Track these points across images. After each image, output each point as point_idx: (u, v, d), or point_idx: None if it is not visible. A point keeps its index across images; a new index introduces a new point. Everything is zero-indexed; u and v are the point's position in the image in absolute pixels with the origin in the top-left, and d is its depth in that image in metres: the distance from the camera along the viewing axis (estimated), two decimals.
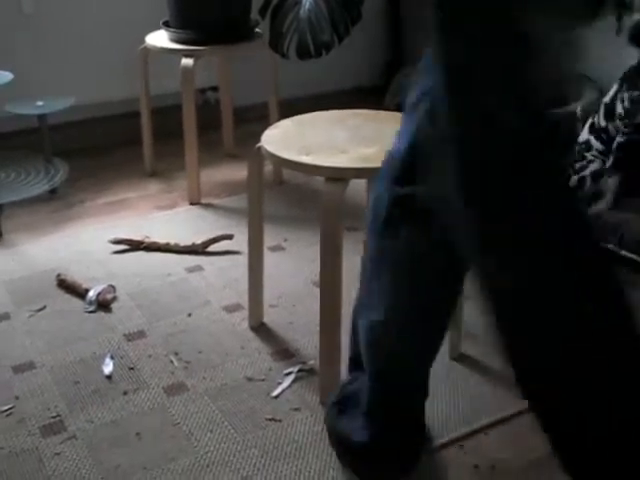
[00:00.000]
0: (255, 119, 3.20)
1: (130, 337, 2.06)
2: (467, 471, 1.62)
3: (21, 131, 3.08)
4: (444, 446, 1.69)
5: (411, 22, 3.85)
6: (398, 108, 3.25)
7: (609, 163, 2.02)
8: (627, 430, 0.93)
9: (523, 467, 1.63)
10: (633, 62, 3.15)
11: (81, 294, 2.23)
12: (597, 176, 2.04)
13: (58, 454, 1.66)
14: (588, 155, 2.10)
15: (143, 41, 2.90)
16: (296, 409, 1.80)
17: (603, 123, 1.97)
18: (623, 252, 2.36)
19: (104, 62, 3.24)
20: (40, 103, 2.88)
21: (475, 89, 1.03)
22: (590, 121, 2.13)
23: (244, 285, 2.09)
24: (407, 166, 1.25)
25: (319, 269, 1.74)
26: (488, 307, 1.00)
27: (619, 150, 1.98)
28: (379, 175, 1.36)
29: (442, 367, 1.94)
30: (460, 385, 1.88)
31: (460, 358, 1.97)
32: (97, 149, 3.24)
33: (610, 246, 2.38)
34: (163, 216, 2.77)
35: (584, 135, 2.05)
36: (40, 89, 2.99)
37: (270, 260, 2.27)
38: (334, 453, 1.66)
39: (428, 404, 1.79)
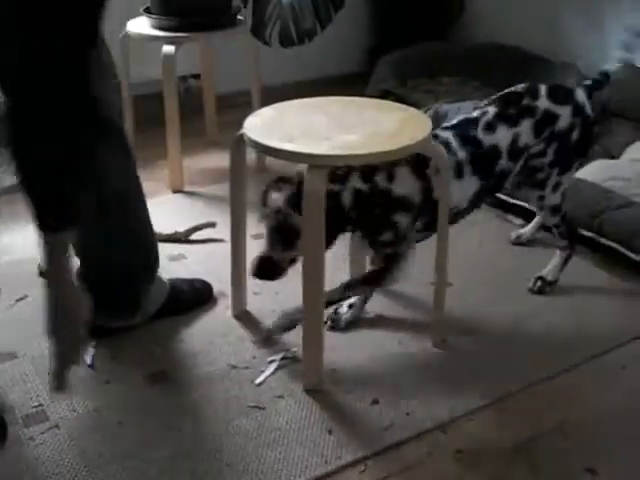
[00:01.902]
0: (237, 106, 3.18)
1: None
2: (450, 456, 1.64)
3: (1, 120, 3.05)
4: (428, 432, 1.70)
5: (393, 9, 3.84)
6: (382, 94, 3.27)
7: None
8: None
9: (506, 452, 1.65)
10: (617, 54, 3.18)
11: None
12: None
13: (41, 443, 1.66)
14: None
15: (124, 28, 2.88)
16: (279, 396, 1.80)
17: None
18: (603, 240, 2.38)
19: None
20: None
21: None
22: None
23: (227, 273, 2.09)
24: None
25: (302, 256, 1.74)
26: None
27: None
28: None
29: (424, 353, 1.95)
30: (443, 371, 1.89)
31: (443, 345, 1.98)
32: None
33: (591, 235, 2.40)
34: None
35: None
36: None
37: (253, 248, 2.25)
38: (318, 439, 1.66)
39: (411, 390, 1.81)
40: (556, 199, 2.13)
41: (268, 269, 1.84)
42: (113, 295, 1.90)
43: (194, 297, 2.12)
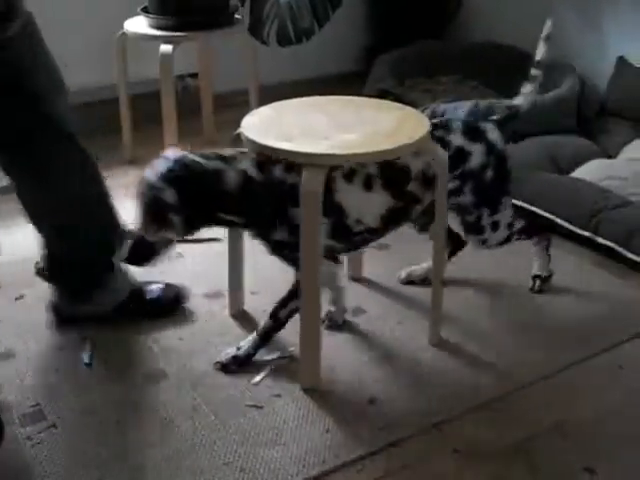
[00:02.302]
0: (235, 106, 3.18)
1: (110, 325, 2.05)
2: (447, 455, 1.64)
3: None
4: (424, 431, 1.70)
5: (391, 8, 3.84)
6: (379, 94, 3.27)
7: None
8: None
9: (502, 450, 1.65)
10: (617, 52, 3.18)
11: None
12: None
13: (38, 443, 1.65)
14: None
15: (121, 27, 2.88)
16: (277, 395, 1.80)
17: None
18: (599, 239, 2.38)
19: (82, 48, 3.20)
20: None
21: None
22: None
23: (225, 272, 2.09)
24: None
25: None
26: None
27: None
28: None
29: (421, 353, 1.95)
30: (440, 370, 1.89)
31: (440, 344, 1.98)
32: None
33: (588, 234, 2.41)
34: None
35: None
36: None
37: (251, 247, 2.26)
38: (315, 438, 1.66)
39: (408, 390, 1.81)
40: (502, 234, 2.03)
41: (140, 252, 1.81)
42: (69, 283, 2.02)
43: (161, 302, 2.11)
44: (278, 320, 1.87)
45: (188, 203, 1.68)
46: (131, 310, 2.05)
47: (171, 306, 2.11)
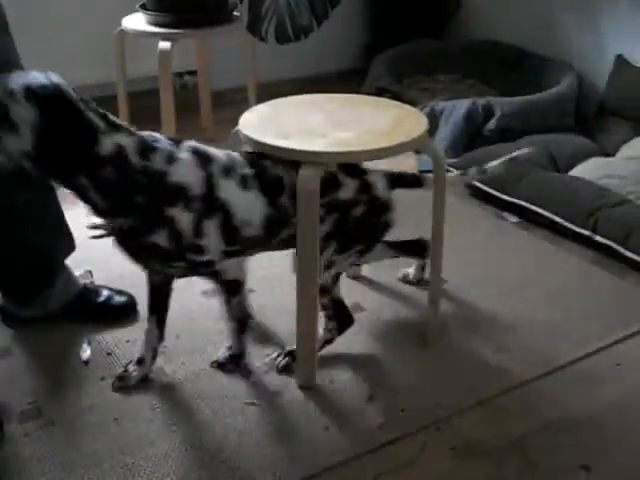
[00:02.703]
0: (233, 103, 3.18)
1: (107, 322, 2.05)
2: (444, 453, 1.64)
3: None
4: (422, 428, 1.70)
5: (390, 6, 3.84)
6: (378, 92, 3.27)
7: None
8: None
9: (499, 448, 1.65)
10: (615, 50, 3.18)
11: None
12: None
13: (36, 440, 1.65)
14: None
15: (119, 24, 2.87)
16: (274, 393, 1.80)
17: None
18: (598, 238, 2.39)
19: (80, 45, 3.21)
20: None
21: None
22: None
23: None
24: None
25: None
26: None
27: None
28: None
29: (419, 350, 1.96)
30: (438, 368, 1.89)
31: (438, 342, 1.98)
32: None
33: (586, 232, 2.41)
34: None
35: None
36: None
37: None
38: (313, 436, 1.67)
39: (405, 387, 1.81)
40: (323, 280, 1.82)
41: None
42: (12, 286, 2.02)
43: (109, 307, 2.09)
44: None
45: (43, 135, 1.43)
46: (74, 313, 2.04)
47: (119, 311, 2.08)
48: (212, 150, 1.68)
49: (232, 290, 1.77)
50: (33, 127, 1.43)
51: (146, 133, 1.60)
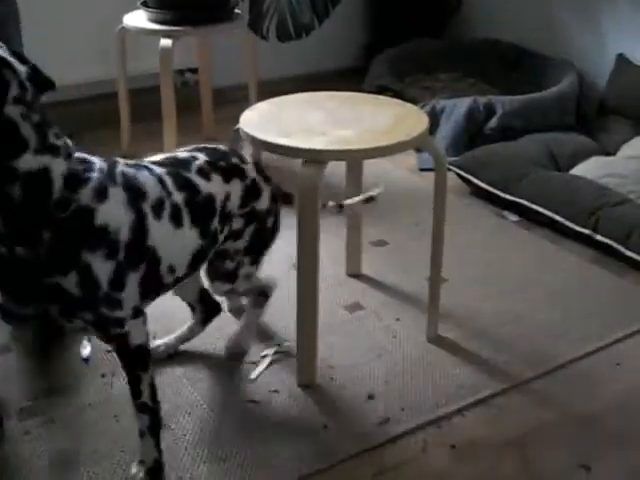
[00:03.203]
0: (234, 101, 3.18)
1: None
2: (445, 451, 1.64)
3: None
4: (422, 427, 1.70)
5: (391, 4, 3.84)
6: (379, 90, 3.26)
7: None
8: None
9: (499, 446, 1.65)
10: (616, 49, 3.18)
11: None
12: None
13: (36, 438, 1.65)
14: None
15: (121, 21, 2.87)
16: (274, 391, 1.80)
17: None
18: (598, 237, 2.39)
19: (81, 42, 3.20)
20: None
21: None
22: None
23: None
24: None
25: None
26: None
27: None
28: None
29: (419, 349, 1.96)
30: (437, 367, 1.89)
31: (437, 340, 1.98)
32: (73, 130, 3.20)
33: (587, 232, 2.41)
34: None
35: None
36: None
37: None
38: (313, 434, 1.67)
39: (406, 386, 1.81)
40: (246, 286, 1.81)
41: None
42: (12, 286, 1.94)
43: None
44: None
45: None
46: None
47: None
48: (144, 177, 1.46)
49: (140, 362, 1.48)
50: None
51: (81, 156, 1.36)
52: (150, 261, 1.44)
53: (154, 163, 1.56)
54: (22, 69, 1.26)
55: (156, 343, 1.88)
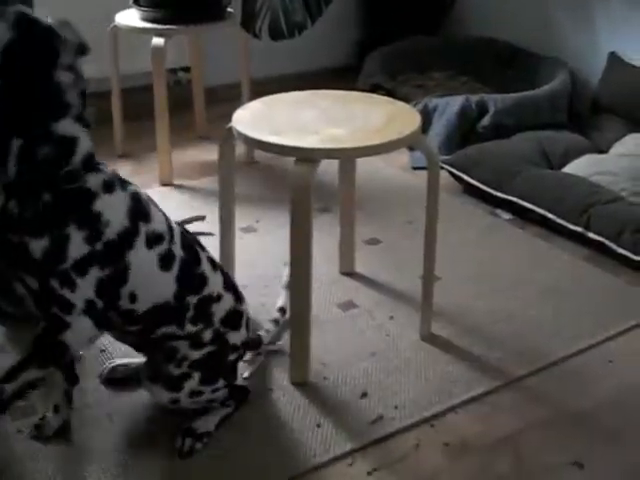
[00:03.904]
0: (227, 99, 3.17)
1: None
2: (438, 449, 1.64)
3: None
4: (415, 425, 1.70)
5: (384, 2, 3.84)
6: (372, 89, 3.26)
7: None
8: None
9: (492, 444, 1.66)
10: (608, 48, 3.19)
11: None
12: None
13: (30, 437, 1.65)
14: None
15: (113, 20, 2.86)
16: (267, 390, 1.80)
17: None
18: (590, 234, 2.39)
19: None
20: None
21: None
22: None
23: None
24: None
25: None
26: None
27: None
28: None
29: (412, 347, 1.96)
30: (431, 365, 1.89)
31: (430, 338, 1.98)
32: None
33: (579, 229, 2.41)
34: None
35: None
36: None
37: (242, 241, 2.26)
38: (306, 432, 1.67)
39: (399, 384, 1.81)
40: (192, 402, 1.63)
41: None
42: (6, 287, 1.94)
43: None
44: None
45: (6, 68, 1.29)
46: None
47: None
48: (155, 211, 1.51)
49: (48, 357, 1.46)
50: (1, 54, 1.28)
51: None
52: (117, 273, 1.43)
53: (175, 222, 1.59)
54: (74, 39, 1.36)
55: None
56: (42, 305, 1.42)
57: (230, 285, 1.68)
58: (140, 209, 1.46)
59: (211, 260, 1.65)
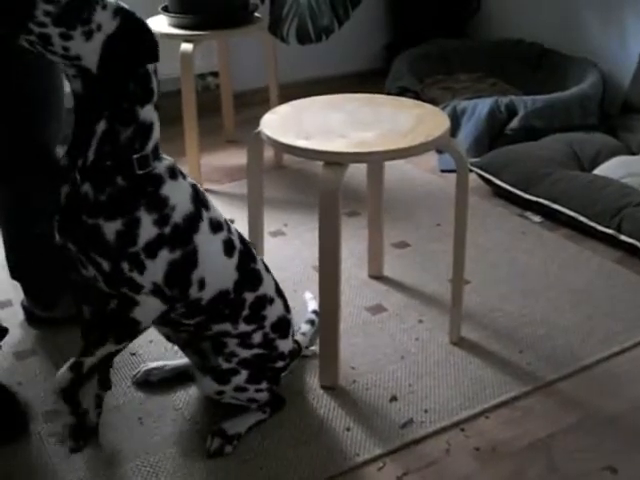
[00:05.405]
0: (255, 104, 3.19)
1: None
2: (468, 454, 1.63)
3: None
4: (445, 429, 1.69)
5: (410, 5, 3.83)
6: (399, 92, 3.26)
7: None
8: None
9: (524, 449, 1.64)
10: (639, 48, 3.15)
11: None
12: None
13: (61, 440, 1.67)
14: None
15: None
16: (297, 393, 1.80)
17: None
18: (622, 237, 2.36)
19: None
20: None
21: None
22: None
23: None
24: None
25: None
26: None
27: None
28: None
29: (442, 351, 1.95)
30: (461, 369, 1.88)
31: (460, 342, 1.97)
32: None
33: (611, 232, 2.39)
34: None
35: None
36: None
37: (271, 245, 2.27)
38: (336, 436, 1.67)
39: (429, 388, 1.81)
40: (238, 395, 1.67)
41: None
42: (39, 291, 2.04)
43: None
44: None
45: (108, 58, 1.34)
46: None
47: None
48: (214, 205, 1.57)
49: (122, 333, 1.50)
50: (105, 42, 1.33)
51: None
52: (187, 256, 1.47)
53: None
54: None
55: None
56: (113, 285, 1.46)
57: (280, 292, 1.71)
58: (200, 197, 1.52)
59: (263, 262, 1.69)
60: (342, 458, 1.61)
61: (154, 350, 1.95)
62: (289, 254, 2.39)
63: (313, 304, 2.02)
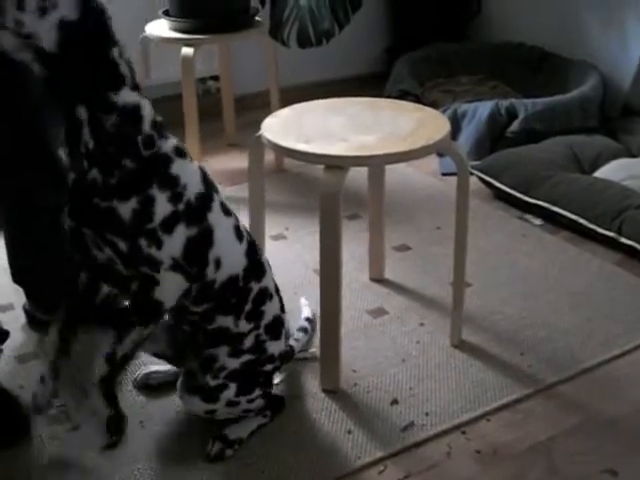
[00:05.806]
0: (256, 107, 3.19)
1: None
2: (469, 456, 1.63)
3: None
4: (447, 432, 1.70)
5: (411, 9, 3.84)
6: (400, 95, 3.26)
7: None
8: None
9: (524, 452, 1.64)
10: (638, 50, 3.16)
11: None
12: None
13: (64, 442, 1.67)
14: None
15: (143, 30, 2.90)
16: (297, 397, 1.80)
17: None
18: (623, 239, 2.37)
19: None
20: None
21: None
22: None
23: None
24: None
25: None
26: None
27: None
28: None
29: (443, 354, 1.95)
30: (462, 372, 1.88)
31: (461, 345, 1.98)
32: None
33: (611, 234, 2.39)
34: None
35: None
36: None
37: (272, 248, 2.27)
38: (337, 439, 1.67)
39: (430, 390, 1.81)
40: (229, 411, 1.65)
41: None
42: (42, 295, 2.05)
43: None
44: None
45: (66, 37, 1.31)
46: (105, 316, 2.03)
47: None
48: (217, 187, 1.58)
49: (147, 316, 1.48)
50: (61, 24, 1.30)
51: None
52: (204, 234, 1.48)
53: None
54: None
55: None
56: (131, 265, 1.45)
57: (278, 291, 1.72)
58: (209, 180, 1.53)
59: (266, 259, 1.70)
60: (343, 461, 1.62)
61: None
62: (290, 257, 2.39)
63: (307, 311, 2.02)
